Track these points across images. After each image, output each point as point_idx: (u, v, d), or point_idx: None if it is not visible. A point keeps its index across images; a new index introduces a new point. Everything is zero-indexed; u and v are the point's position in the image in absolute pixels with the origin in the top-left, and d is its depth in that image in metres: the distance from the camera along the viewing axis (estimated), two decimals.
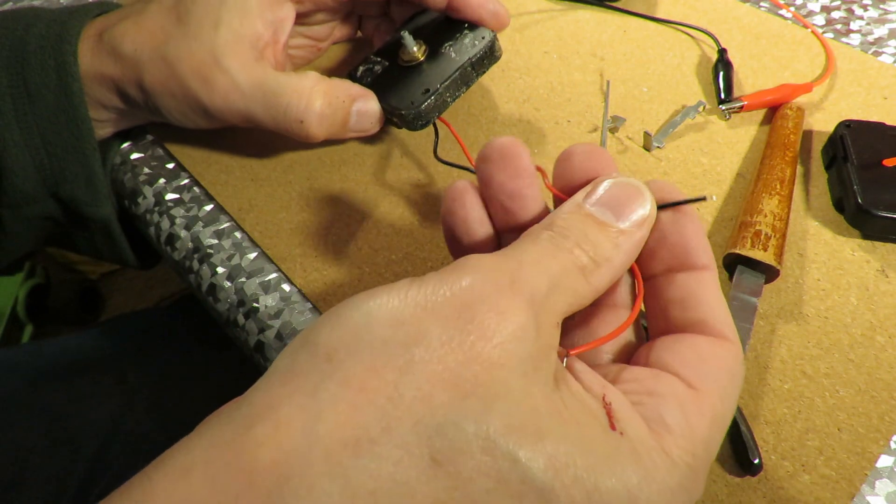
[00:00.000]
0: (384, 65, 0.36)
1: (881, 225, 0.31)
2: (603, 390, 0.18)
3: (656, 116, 0.39)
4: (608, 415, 0.18)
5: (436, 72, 0.34)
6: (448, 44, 0.35)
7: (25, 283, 1.11)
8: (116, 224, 0.38)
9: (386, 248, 0.33)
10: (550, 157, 0.37)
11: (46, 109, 0.33)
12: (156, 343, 0.50)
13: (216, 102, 0.33)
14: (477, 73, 0.35)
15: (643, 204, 0.21)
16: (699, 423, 0.18)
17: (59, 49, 0.32)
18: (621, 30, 0.45)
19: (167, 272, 0.36)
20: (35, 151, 0.34)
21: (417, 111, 0.33)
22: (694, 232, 0.21)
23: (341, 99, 0.33)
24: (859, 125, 0.35)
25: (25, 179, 0.34)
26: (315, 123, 0.33)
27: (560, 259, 0.19)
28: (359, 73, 0.37)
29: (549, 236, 0.20)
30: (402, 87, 0.34)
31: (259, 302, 0.32)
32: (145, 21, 0.33)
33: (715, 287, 0.21)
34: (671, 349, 0.20)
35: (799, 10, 0.46)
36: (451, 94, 0.34)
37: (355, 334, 0.17)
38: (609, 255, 0.20)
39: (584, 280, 0.19)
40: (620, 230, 0.20)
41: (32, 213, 0.37)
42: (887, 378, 0.27)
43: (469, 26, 0.35)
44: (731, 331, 0.20)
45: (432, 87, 0.34)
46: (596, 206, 0.21)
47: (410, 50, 0.35)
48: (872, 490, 0.25)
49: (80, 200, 0.36)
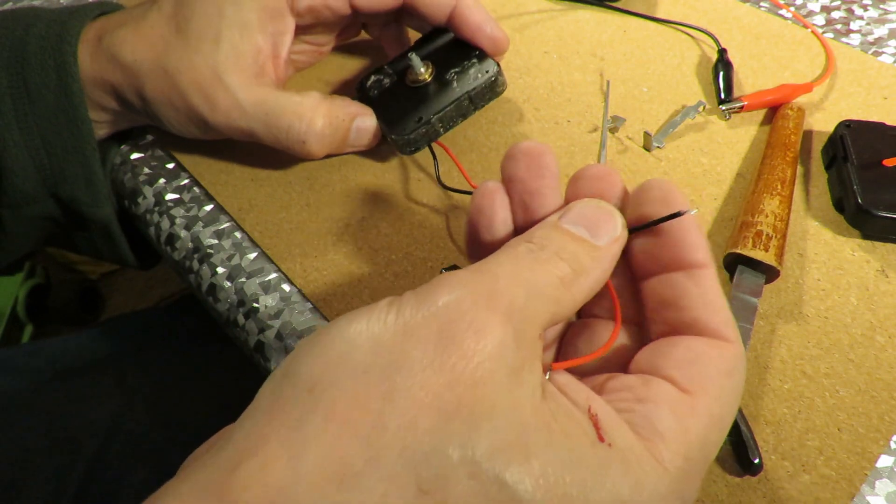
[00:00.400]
0: (392, 79, 0.37)
1: (881, 225, 0.31)
2: (588, 402, 0.18)
3: (656, 116, 0.39)
4: (595, 426, 0.18)
5: (435, 99, 0.35)
6: (454, 70, 0.35)
7: (25, 283, 1.11)
8: (116, 224, 0.38)
9: (386, 248, 0.33)
10: None
11: (46, 110, 0.33)
12: (155, 343, 0.50)
13: (217, 119, 0.33)
14: (475, 106, 0.35)
15: (615, 226, 0.21)
16: (693, 424, 0.18)
17: (59, 49, 0.32)
18: (621, 30, 0.45)
19: (167, 272, 0.36)
20: (35, 152, 0.34)
21: (407, 139, 0.34)
22: (689, 228, 0.21)
23: (341, 118, 0.34)
24: (859, 125, 0.35)
25: (25, 179, 0.34)
26: (316, 143, 0.34)
27: (539, 269, 0.19)
28: (369, 82, 0.37)
29: (527, 248, 0.20)
30: (399, 110, 0.35)
31: (259, 302, 0.32)
32: (144, 28, 0.33)
33: (713, 285, 0.20)
34: (664, 353, 0.20)
35: (799, 10, 0.46)
36: (445, 126, 0.35)
37: (337, 363, 0.17)
38: (587, 267, 0.20)
39: (565, 289, 0.19)
40: (595, 246, 0.20)
41: (32, 213, 0.36)
42: (887, 378, 0.27)
43: (479, 55, 0.35)
44: (729, 330, 0.20)
45: (425, 117, 0.34)
46: (571, 224, 0.21)
47: (417, 72, 0.35)
48: (872, 490, 0.25)
49: (80, 201, 0.36)
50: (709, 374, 0.19)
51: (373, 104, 0.36)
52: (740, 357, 0.20)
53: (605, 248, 0.21)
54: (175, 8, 0.33)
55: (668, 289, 0.21)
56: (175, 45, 0.32)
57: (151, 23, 0.33)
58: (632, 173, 0.36)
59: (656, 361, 0.20)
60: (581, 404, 0.18)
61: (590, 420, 0.18)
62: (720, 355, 0.19)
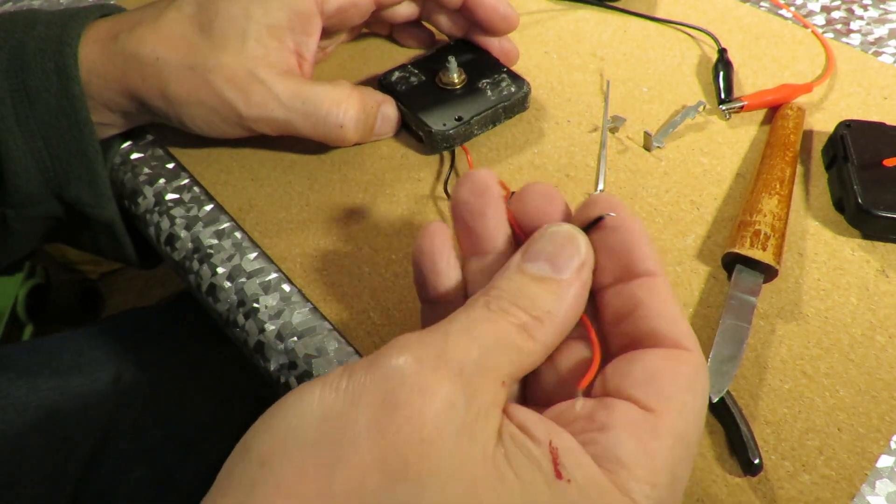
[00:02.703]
0: (420, 79, 0.38)
1: (881, 225, 0.31)
2: (549, 436, 0.18)
3: (656, 116, 0.39)
4: (554, 462, 0.17)
5: (470, 103, 0.37)
6: (486, 81, 0.38)
7: (25, 283, 1.11)
8: (121, 224, 0.38)
9: (386, 248, 0.33)
10: (550, 157, 0.37)
11: (48, 113, 0.33)
12: (151, 340, 0.50)
13: (252, 112, 0.33)
14: (505, 116, 0.38)
15: (577, 249, 0.21)
16: (657, 448, 0.18)
17: (59, 52, 0.32)
18: (621, 30, 0.45)
19: (167, 272, 0.37)
20: (37, 154, 0.34)
21: (446, 134, 0.35)
22: (637, 238, 0.21)
23: (371, 105, 0.36)
24: (859, 125, 0.35)
25: (28, 181, 0.34)
26: (352, 128, 0.35)
27: (494, 322, 0.19)
28: (394, 77, 0.39)
29: (483, 302, 0.20)
30: (436, 106, 0.37)
31: (259, 302, 0.32)
32: (164, 28, 0.33)
33: (665, 294, 0.20)
34: (622, 371, 0.19)
35: (799, 10, 0.46)
36: (479, 128, 0.37)
37: (287, 436, 0.17)
38: (550, 308, 0.20)
39: (528, 337, 0.19)
40: (559, 281, 0.20)
41: (36, 214, 0.37)
42: (887, 378, 0.27)
43: (508, 72, 0.38)
44: (686, 338, 0.20)
45: (465, 116, 0.36)
46: (532, 263, 0.21)
47: (451, 75, 0.37)
48: (872, 490, 0.25)
49: (83, 202, 0.36)
50: (670, 389, 0.19)
51: (400, 99, 0.37)
52: (701, 366, 0.19)
53: (570, 280, 0.20)
54: (196, 9, 0.33)
55: (622, 300, 0.21)
56: (200, 45, 0.32)
57: (170, 22, 0.33)
58: (632, 173, 0.36)
59: (617, 381, 0.19)
60: (542, 440, 0.18)
61: (549, 455, 0.17)
62: (679, 368, 0.19)
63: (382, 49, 0.44)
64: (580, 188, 0.35)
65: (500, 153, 0.37)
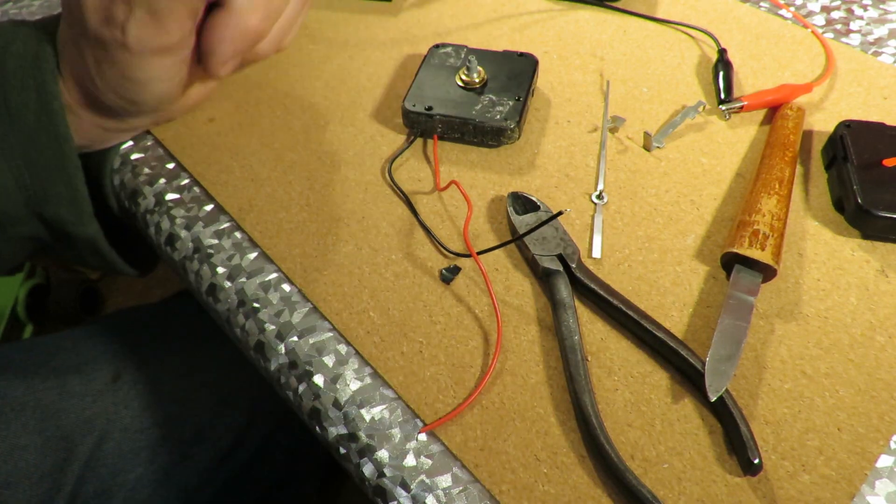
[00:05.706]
0: (455, 64, 0.40)
1: (881, 225, 0.31)
2: None
3: (656, 116, 0.39)
4: None
5: (458, 104, 0.37)
6: (492, 97, 0.37)
7: (25, 283, 1.11)
8: (104, 241, 0.38)
9: (386, 248, 0.33)
10: (550, 157, 0.37)
11: (27, 130, 0.33)
12: (150, 339, 0.50)
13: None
14: (477, 138, 0.37)
15: None
16: None
17: (37, 68, 0.32)
18: (621, 30, 0.45)
19: (167, 272, 0.37)
20: (17, 172, 0.33)
21: (407, 112, 0.37)
22: None
23: None
24: (859, 125, 0.35)
25: (8, 200, 0.34)
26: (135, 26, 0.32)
27: None
28: (442, 49, 0.41)
29: None
30: (432, 90, 0.38)
31: (259, 302, 0.32)
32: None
33: None
34: None
35: (799, 10, 0.46)
36: (443, 131, 0.38)
37: None
38: None
39: None
40: None
41: (17, 234, 0.36)
42: (887, 378, 0.27)
43: (519, 100, 0.37)
44: None
45: (435, 110, 0.37)
46: None
47: (467, 74, 0.38)
48: (872, 490, 0.25)
49: (64, 220, 0.35)
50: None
51: (426, 69, 0.39)
52: None
53: None
54: None
55: None
56: None
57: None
58: (632, 173, 0.36)
59: None
60: None
61: None
62: None
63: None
64: (580, 188, 0.35)
65: (499, 153, 0.37)
